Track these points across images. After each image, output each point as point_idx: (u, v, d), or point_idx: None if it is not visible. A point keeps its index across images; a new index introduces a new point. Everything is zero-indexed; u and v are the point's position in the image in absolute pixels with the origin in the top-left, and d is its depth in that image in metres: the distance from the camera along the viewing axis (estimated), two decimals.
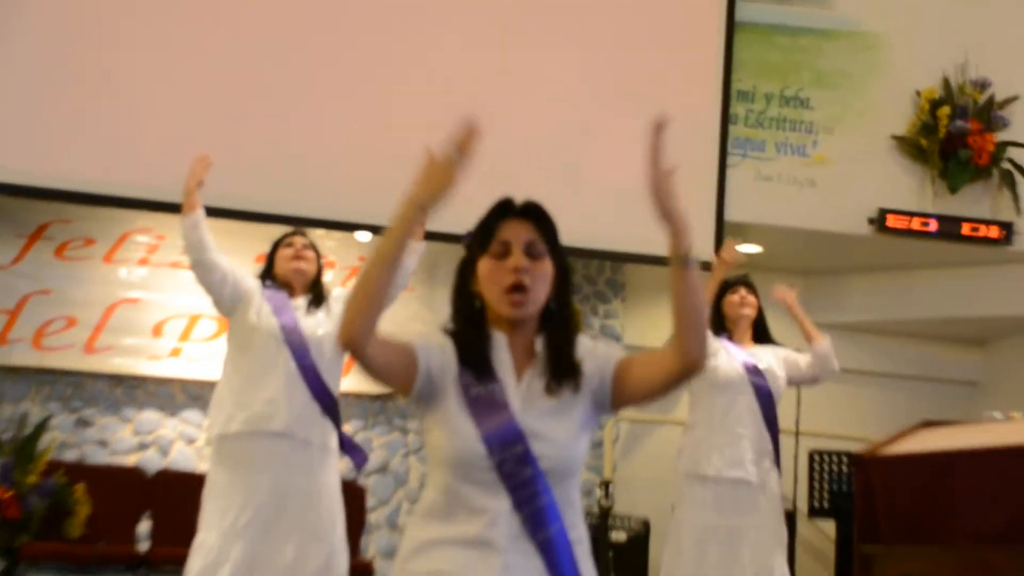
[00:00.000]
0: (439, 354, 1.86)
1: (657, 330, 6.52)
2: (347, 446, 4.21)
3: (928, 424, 5.58)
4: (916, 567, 4.99)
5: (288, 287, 4.13)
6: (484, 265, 1.88)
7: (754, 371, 4.42)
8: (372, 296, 1.76)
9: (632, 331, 6.66)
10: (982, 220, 6.10)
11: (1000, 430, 5.13)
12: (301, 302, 4.07)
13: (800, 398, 6.39)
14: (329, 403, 4.15)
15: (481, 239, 1.89)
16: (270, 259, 4.22)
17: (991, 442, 5.00)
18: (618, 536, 5.57)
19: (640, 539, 5.70)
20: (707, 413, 4.44)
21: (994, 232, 6.04)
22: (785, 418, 5.83)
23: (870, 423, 6.44)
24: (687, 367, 1.77)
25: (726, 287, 4.62)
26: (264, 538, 3.89)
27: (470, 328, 1.88)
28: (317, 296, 4.17)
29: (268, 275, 4.17)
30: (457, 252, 2.65)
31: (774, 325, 4.70)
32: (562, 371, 1.86)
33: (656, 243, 5.36)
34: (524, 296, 1.83)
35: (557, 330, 1.90)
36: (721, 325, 4.56)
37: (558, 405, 1.87)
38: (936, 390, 7.11)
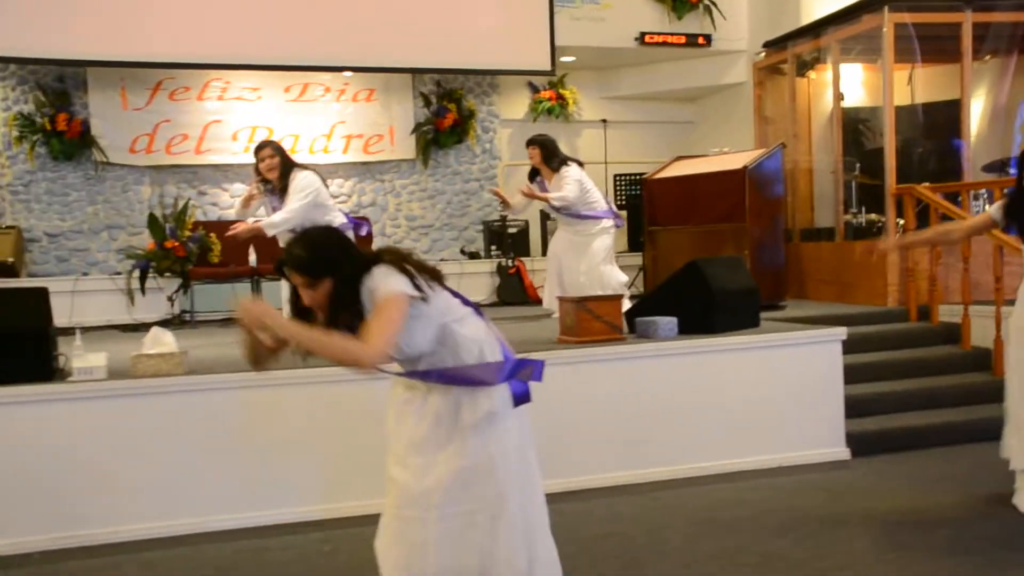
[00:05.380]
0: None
1: (518, 108, 9.99)
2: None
3: (680, 158, 8.33)
4: (677, 238, 7.56)
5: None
6: None
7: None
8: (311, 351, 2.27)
9: (504, 111, 9.71)
10: (695, 34, 9.48)
11: (719, 159, 7.75)
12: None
13: (607, 141, 9.49)
14: None
15: None
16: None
17: (715, 168, 7.58)
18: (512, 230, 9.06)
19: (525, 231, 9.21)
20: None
21: (701, 40, 9.56)
22: (598, 155, 9.11)
23: (643, 152, 9.68)
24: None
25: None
26: None
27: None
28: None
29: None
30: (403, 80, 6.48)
31: None
32: None
33: (514, 60, 9.47)
34: None
35: None
36: (536, 171, 6.51)
37: None
38: (674, 128, 10.45)
